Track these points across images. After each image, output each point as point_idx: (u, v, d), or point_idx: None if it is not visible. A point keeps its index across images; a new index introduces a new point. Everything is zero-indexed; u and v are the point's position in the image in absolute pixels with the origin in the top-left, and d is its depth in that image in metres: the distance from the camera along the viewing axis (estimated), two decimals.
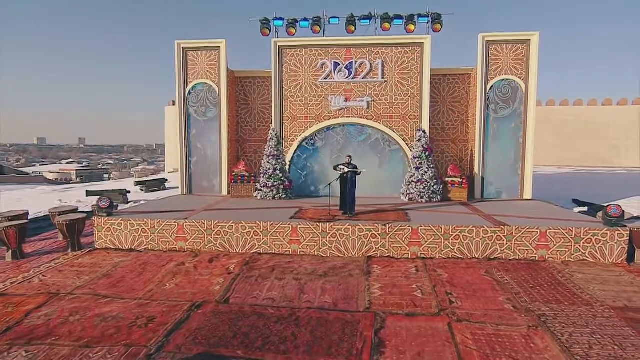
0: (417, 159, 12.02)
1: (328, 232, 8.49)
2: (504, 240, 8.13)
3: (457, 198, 12.20)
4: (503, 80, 12.70)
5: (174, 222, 8.73)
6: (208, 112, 13.73)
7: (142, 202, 14.41)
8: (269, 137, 12.66)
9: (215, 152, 13.75)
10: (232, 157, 13.99)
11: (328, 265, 7.83)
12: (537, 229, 8.04)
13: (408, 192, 12.03)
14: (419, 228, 8.31)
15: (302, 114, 13.41)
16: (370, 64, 13.04)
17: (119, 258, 8.28)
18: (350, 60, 13.05)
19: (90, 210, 12.14)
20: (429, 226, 8.28)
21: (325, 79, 13.21)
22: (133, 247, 8.82)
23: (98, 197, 15.26)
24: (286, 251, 8.61)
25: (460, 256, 8.22)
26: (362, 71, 13.05)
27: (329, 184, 9.81)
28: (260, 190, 12.51)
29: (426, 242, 8.29)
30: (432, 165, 11.99)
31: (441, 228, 8.24)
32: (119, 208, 12.50)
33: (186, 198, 12.90)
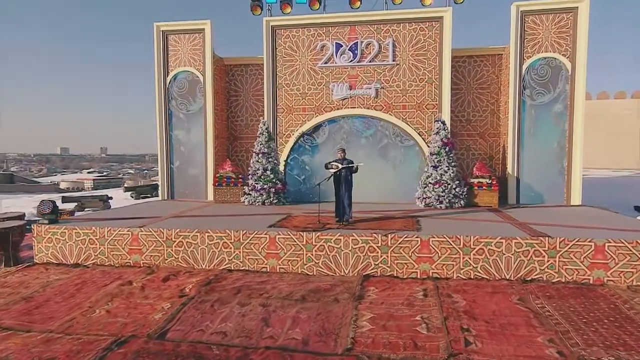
0: (434, 156, 10.56)
1: (314, 244, 7.17)
2: (544, 257, 6.58)
3: (485, 203, 10.63)
4: (542, 59, 11.11)
5: (127, 230, 7.60)
6: (191, 105, 12.72)
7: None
8: (258, 132, 11.48)
9: (200, 152, 12.69)
10: (221, 157, 12.89)
11: (310, 287, 6.50)
12: (590, 241, 6.46)
13: (424, 196, 10.56)
14: (430, 239, 6.87)
15: (299, 105, 12.20)
16: (379, 44, 11.72)
17: (56, 275, 7.20)
18: (355, 41, 11.78)
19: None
20: (444, 237, 6.83)
21: (325, 63, 11.98)
22: (79, 262, 7.74)
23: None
24: (262, 267, 7.33)
25: (485, 276, 6.72)
26: (369, 53, 11.75)
27: (319, 184, 8.50)
28: (249, 194, 11.31)
29: (440, 257, 6.83)
30: (453, 163, 10.49)
31: (459, 240, 6.77)
32: (75, 214, 11.55)
33: (163, 204, 11.85)
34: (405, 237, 6.92)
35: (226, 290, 6.36)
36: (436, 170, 10.44)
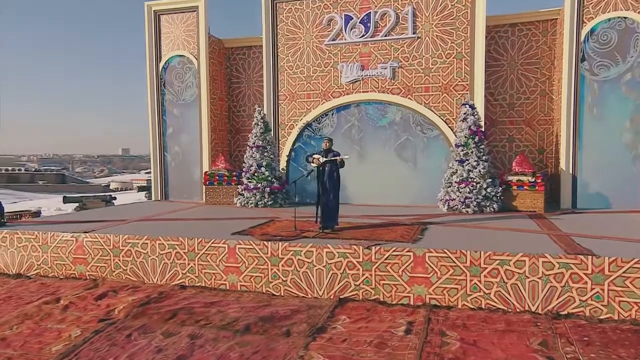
0: (461, 148, 9.08)
1: (280, 256, 6.10)
2: (586, 283, 5.05)
3: (526, 207, 8.99)
4: (608, 20, 9.25)
5: (71, 237, 6.97)
6: (185, 94, 12.10)
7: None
8: (253, 122, 10.60)
9: (196, 147, 12.05)
10: (220, 153, 12.15)
11: (265, 312, 5.45)
12: None
13: (447, 197, 9.12)
14: (427, 255, 5.56)
15: (304, 91, 11.17)
16: (396, 14, 10.40)
17: None
18: (368, 11, 10.55)
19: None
20: (444, 252, 5.49)
21: (333, 40, 10.85)
22: (22, 272, 7.22)
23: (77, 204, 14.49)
24: (221, 284, 6.38)
25: (501, 306, 5.31)
26: (385, 25, 10.47)
27: (294, 182, 7.46)
28: (241, 194, 10.46)
29: (439, 279, 5.50)
30: (484, 157, 8.96)
31: (465, 256, 5.40)
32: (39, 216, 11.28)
33: (149, 205, 11.32)
34: (394, 251, 5.66)
35: (159, 314, 5.47)
36: (462, 166, 8.96)
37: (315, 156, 6.94)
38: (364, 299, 5.81)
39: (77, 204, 15.15)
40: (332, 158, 6.81)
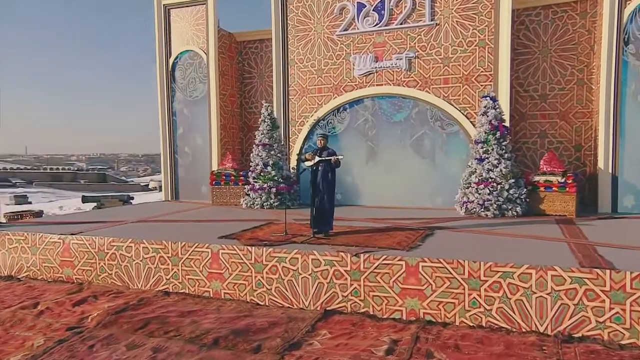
0: (480, 145, 8.49)
1: (264, 263, 5.84)
2: (604, 301, 4.47)
3: (555, 211, 8.27)
4: None
5: (58, 238, 7.00)
6: (196, 90, 12.09)
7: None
8: (260, 119, 10.41)
9: (206, 145, 12.01)
10: (230, 152, 12.06)
11: (241, 324, 5.19)
12: None
13: (465, 199, 8.55)
14: (420, 265, 5.12)
15: (315, 85, 10.86)
16: None
17: None
18: None
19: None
20: (440, 262, 5.04)
21: (345, 30, 10.48)
22: (12, 274, 7.33)
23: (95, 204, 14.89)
24: (205, 291, 6.20)
25: (505, 325, 4.80)
26: (400, 12, 9.99)
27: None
28: (247, 194, 10.30)
29: (434, 292, 5.05)
30: (506, 155, 8.33)
31: (462, 266, 4.92)
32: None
33: (157, 206, 11.38)
34: (384, 260, 5.26)
35: (130, 324, 5.32)
36: (482, 165, 8.37)
37: (307, 155, 6.63)
38: (353, 311, 5.44)
39: (95, 204, 15.55)
40: (327, 157, 6.46)
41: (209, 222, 8.24)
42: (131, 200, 15.87)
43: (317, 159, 6.53)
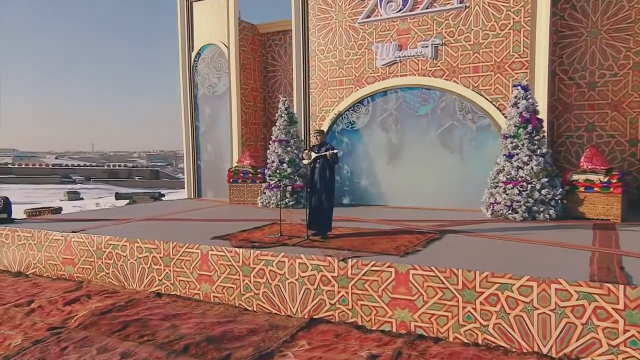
0: (509, 140, 7.92)
1: (252, 266, 5.72)
2: (617, 322, 3.95)
3: (597, 215, 7.55)
4: None
5: (61, 236, 7.26)
6: (217, 85, 12.22)
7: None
8: (277, 114, 10.34)
9: (228, 141, 12.12)
10: (253, 148, 12.09)
11: (217, 331, 5.11)
12: None
13: (492, 200, 8.00)
14: (411, 272, 4.79)
15: (335, 77, 10.63)
16: None
17: None
18: None
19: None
20: (431, 270, 4.68)
21: (367, 17, 10.17)
22: (21, 270, 7.70)
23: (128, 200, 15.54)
24: (195, 294, 6.18)
25: (502, 343, 4.38)
26: None
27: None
28: (263, 193, 10.26)
29: (425, 302, 4.71)
30: (539, 151, 7.70)
31: (455, 275, 4.55)
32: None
33: (177, 204, 11.61)
34: (373, 266, 4.97)
35: (110, 325, 5.38)
36: (510, 162, 7.80)
37: (304, 153, 6.46)
38: (340, 321, 5.20)
39: (127, 200, 16.20)
40: (324, 153, 6.24)
41: (213, 222, 8.27)
42: (162, 198, 16.38)
43: (313, 155, 6.33)
